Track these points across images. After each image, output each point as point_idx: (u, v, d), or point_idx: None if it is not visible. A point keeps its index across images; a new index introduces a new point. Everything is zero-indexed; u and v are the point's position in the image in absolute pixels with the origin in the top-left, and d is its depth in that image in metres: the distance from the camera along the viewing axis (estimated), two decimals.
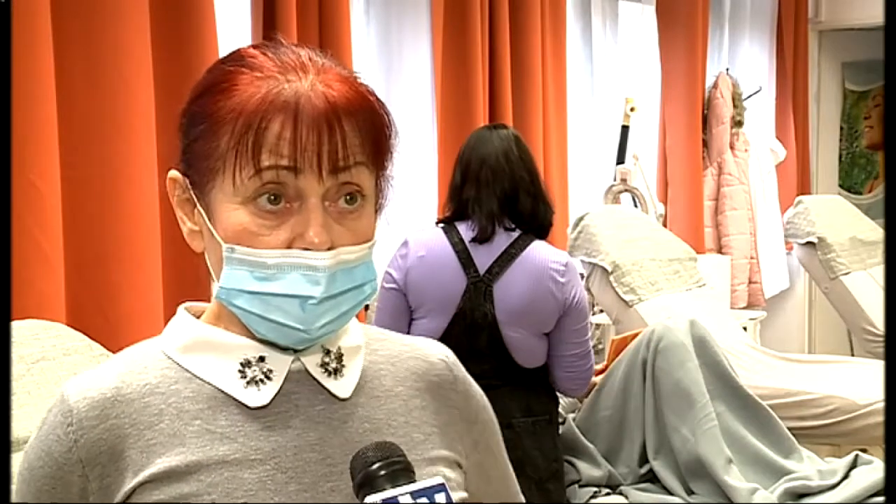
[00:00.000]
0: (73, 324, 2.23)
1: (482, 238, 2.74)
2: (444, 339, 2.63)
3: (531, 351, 2.78)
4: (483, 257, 2.74)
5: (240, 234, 1.00)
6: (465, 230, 2.76)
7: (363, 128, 1.02)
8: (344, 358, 1.08)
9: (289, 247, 1.00)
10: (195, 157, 1.04)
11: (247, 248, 1.00)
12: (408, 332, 2.67)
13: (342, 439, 1.04)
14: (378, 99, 1.06)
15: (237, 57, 1.05)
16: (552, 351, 2.81)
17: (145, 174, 2.54)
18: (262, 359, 1.05)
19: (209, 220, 1.03)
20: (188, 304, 1.12)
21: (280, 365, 1.05)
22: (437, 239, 2.80)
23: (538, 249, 2.76)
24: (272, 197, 0.99)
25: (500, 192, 2.74)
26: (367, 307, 3.42)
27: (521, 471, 2.66)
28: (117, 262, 2.52)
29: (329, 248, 0.99)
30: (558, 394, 2.94)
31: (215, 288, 1.04)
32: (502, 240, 2.76)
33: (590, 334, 2.92)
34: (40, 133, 2.31)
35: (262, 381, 1.04)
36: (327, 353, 1.07)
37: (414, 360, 1.14)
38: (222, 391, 1.04)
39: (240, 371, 1.05)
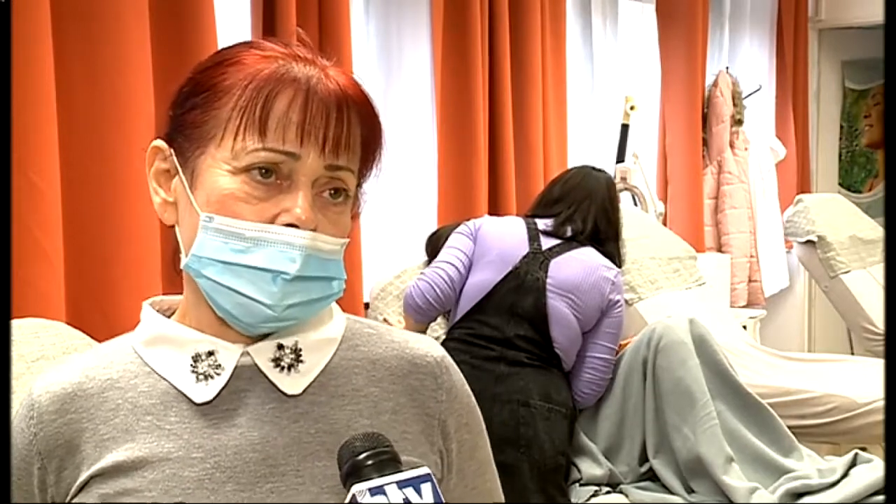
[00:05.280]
0: (73, 322, 2.24)
1: (554, 233, 3.02)
2: (492, 293, 2.92)
3: (569, 329, 2.91)
4: (548, 241, 3.01)
5: (224, 200, 1.00)
6: (542, 223, 3.05)
7: (366, 124, 1.04)
8: (303, 353, 1.06)
9: (272, 222, 0.99)
10: (187, 125, 1.03)
11: (226, 217, 0.99)
12: (461, 289, 2.95)
13: (288, 439, 1.03)
14: (376, 109, 1.06)
15: (245, 41, 1.06)
16: (583, 351, 2.97)
17: (144, 173, 2.54)
18: (210, 353, 1.04)
19: (191, 189, 1.03)
20: (158, 298, 1.13)
21: (228, 360, 1.04)
22: (512, 217, 3.21)
23: (596, 253, 3.01)
24: (264, 170, 1.00)
25: (593, 224, 3.03)
26: (367, 305, 3.42)
27: (527, 450, 2.75)
28: (117, 260, 2.52)
29: (312, 230, 1.00)
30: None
31: (184, 259, 1.03)
32: (568, 239, 3.04)
33: (616, 350, 3.07)
34: (40, 132, 2.31)
35: (210, 376, 1.04)
36: (280, 347, 1.05)
37: (397, 361, 1.11)
38: (175, 387, 1.04)
39: (191, 366, 1.04)
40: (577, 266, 2.95)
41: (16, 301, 2.15)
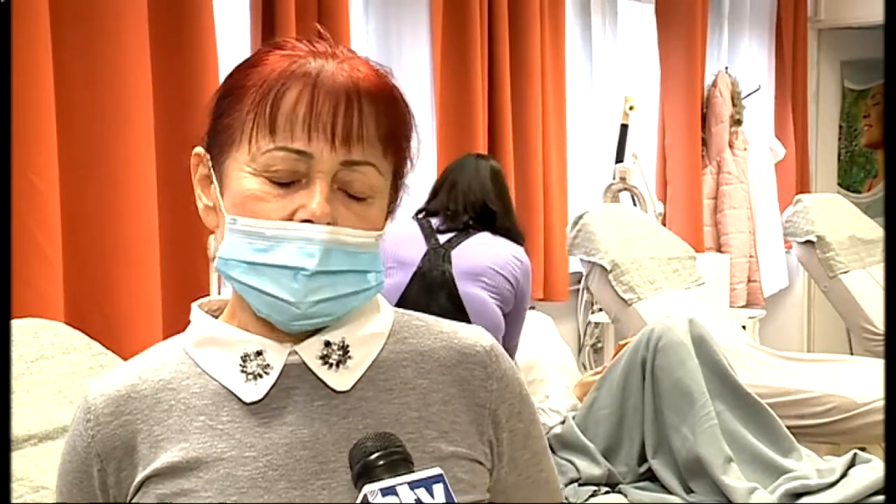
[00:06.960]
0: (72, 322, 2.24)
1: (447, 229, 2.97)
2: (404, 296, 2.87)
3: (489, 311, 2.88)
4: (444, 235, 2.97)
5: (246, 200, 1.01)
6: (434, 221, 3.03)
7: (383, 115, 1.03)
8: (351, 348, 1.06)
9: (291, 219, 1.00)
10: (218, 131, 1.05)
11: (248, 218, 1.00)
12: None
13: (337, 436, 1.03)
14: (405, 100, 1.06)
15: (274, 41, 1.07)
16: (507, 329, 2.98)
17: (144, 173, 2.55)
18: (259, 353, 1.05)
19: (220, 193, 1.04)
20: (206, 299, 1.13)
21: (276, 359, 1.05)
22: (401, 219, 3.03)
23: (493, 235, 2.98)
24: (282, 169, 1.00)
25: (469, 209, 2.98)
26: None
27: None
28: (116, 260, 2.52)
29: (329, 224, 1.00)
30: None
31: (217, 261, 1.04)
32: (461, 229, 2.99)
33: None
34: (40, 132, 2.31)
35: (259, 375, 1.05)
36: (327, 344, 1.05)
37: (446, 351, 1.10)
38: (225, 387, 1.05)
39: (240, 366, 1.05)
40: (482, 249, 2.93)
41: (15, 301, 2.15)
